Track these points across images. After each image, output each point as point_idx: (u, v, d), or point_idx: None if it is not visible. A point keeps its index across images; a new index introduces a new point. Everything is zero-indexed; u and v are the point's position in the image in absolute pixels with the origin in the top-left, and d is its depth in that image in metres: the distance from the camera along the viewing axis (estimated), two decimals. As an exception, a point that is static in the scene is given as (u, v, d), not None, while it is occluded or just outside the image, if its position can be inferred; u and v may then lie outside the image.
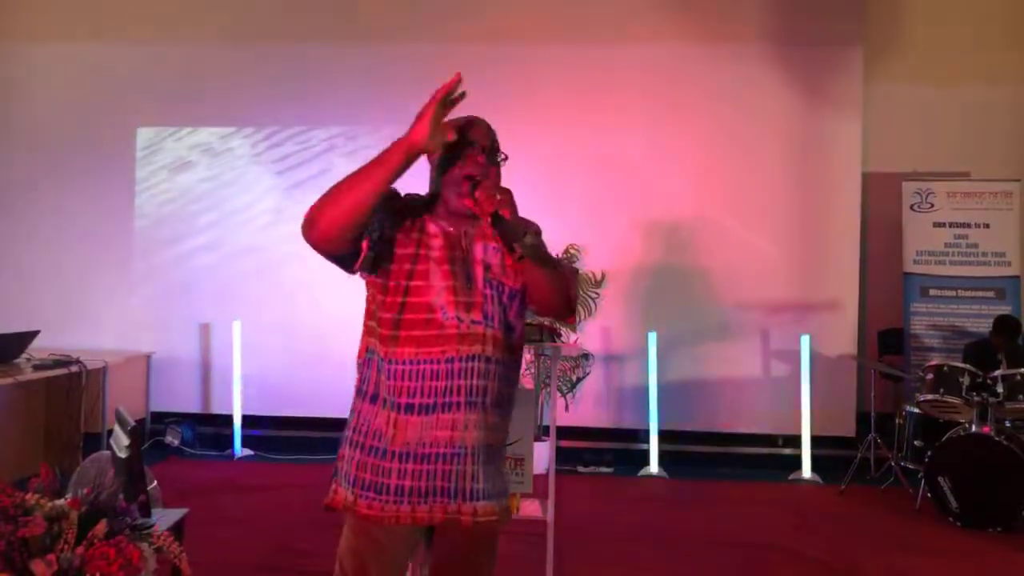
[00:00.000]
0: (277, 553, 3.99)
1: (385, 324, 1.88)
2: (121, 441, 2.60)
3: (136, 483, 2.48)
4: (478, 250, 1.92)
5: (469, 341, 1.84)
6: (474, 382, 1.84)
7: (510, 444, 2.60)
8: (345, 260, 1.88)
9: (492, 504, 1.87)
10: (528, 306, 1.98)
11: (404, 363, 1.84)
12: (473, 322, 1.85)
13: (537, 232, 1.92)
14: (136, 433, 2.55)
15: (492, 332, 1.87)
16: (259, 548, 4.04)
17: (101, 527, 1.88)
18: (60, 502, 1.90)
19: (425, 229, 1.91)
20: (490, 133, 2.01)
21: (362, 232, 1.84)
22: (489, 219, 1.79)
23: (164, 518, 2.59)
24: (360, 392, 1.94)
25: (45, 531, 1.80)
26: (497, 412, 1.90)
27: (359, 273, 1.93)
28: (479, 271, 1.90)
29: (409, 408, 1.83)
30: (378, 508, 1.84)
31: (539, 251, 1.85)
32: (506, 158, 2.03)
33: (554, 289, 1.90)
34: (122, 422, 2.67)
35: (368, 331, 1.95)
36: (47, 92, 6.49)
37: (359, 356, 1.97)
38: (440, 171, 1.96)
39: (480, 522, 1.85)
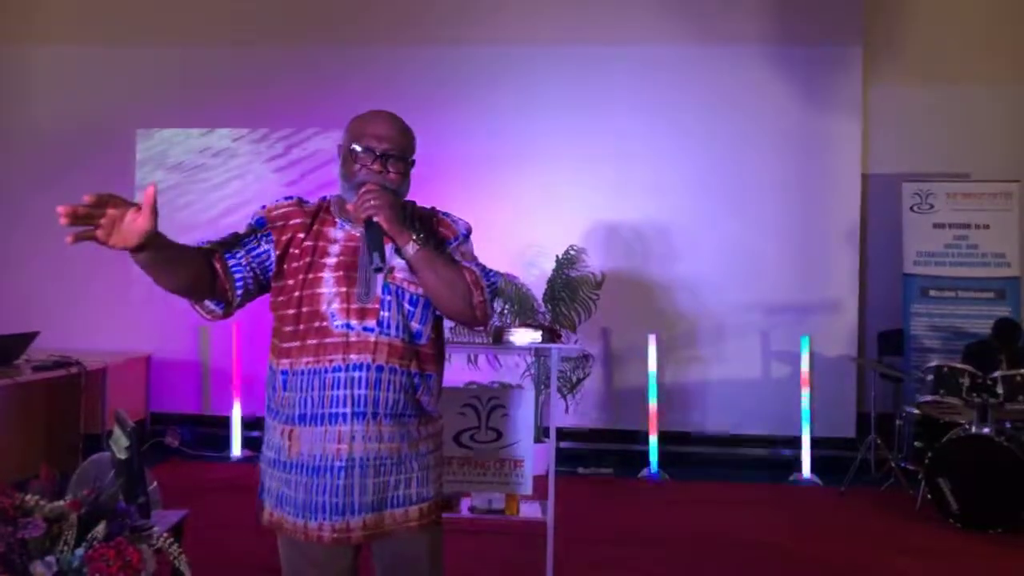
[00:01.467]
0: (275, 554, 3.98)
1: (279, 334, 1.89)
2: (120, 442, 2.60)
3: (136, 484, 2.48)
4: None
5: (358, 349, 1.81)
6: (361, 392, 1.80)
7: (508, 446, 2.60)
8: (204, 310, 1.91)
9: (385, 515, 1.84)
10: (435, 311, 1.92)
11: (295, 373, 1.84)
12: (364, 329, 1.81)
13: (436, 236, 1.90)
14: (136, 435, 2.55)
15: (387, 340, 1.82)
16: (258, 549, 4.03)
17: (101, 529, 1.88)
18: (60, 504, 1.90)
19: (324, 235, 1.89)
20: (393, 135, 1.89)
21: (215, 279, 1.84)
22: (363, 224, 1.79)
23: (164, 519, 2.59)
24: (266, 406, 1.94)
25: (45, 533, 1.80)
26: (396, 422, 1.84)
27: (231, 311, 1.93)
28: (379, 277, 1.85)
29: (301, 419, 1.82)
30: (279, 521, 1.87)
31: (412, 261, 1.81)
32: (411, 163, 1.93)
33: (445, 296, 1.84)
34: (121, 423, 2.66)
35: (271, 346, 1.94)
36: (47, 95, 6.50)
37: (267, 369, 1.96)
38: (341, 171, 1.93)
39: (369, 537, 1.83)
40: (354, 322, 1.81)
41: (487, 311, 1.88)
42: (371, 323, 1.82)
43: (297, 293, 1.86)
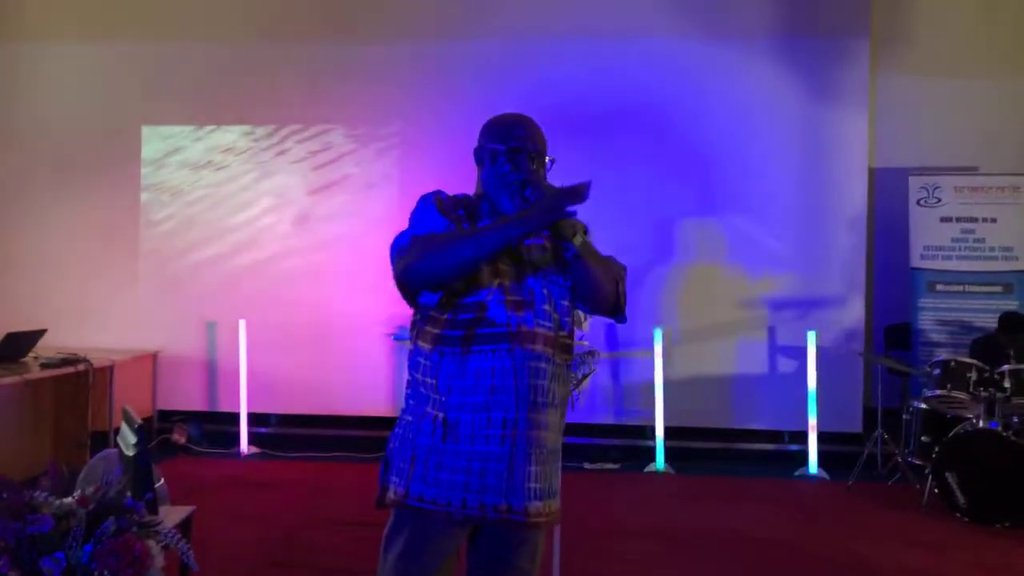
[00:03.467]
0: (284, 550, 4.00)
1: (433, 322, 1.90)
2: (128, 439, 2.61)
3: (144, 481, 2.49)
4: (523, 250, 1.94)
5: (519, 340, 1.85)
6: (525, 381, 1.84)
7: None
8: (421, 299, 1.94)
9: (549, 504, 1.89)
10: (578, 303, 2.00)
11: (452, 361, 1.86)
12: (523, 320, 1.86)
13: (585, 230, 1.97)
14: (143, 431, 2.56)
15: (542, 331, 1.87)
16: (266, 545, 4.05)
17: (109, 525, 1.88)
18: (68, 500, 1.91)
19: (477, 218, 1.96)
20: (536, 135, 2.04)
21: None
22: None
23: (171, 515, 2.60)
24: (415, 393, 1.94)
25: (53, 529, 1.81)
26: (551, 411, 1.89)
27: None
28: (527, 270, 1.91)
29: (460, 407, 1.84)
30: (430, 500, 1.84)
31: (589, 248, 1.92)
32: (553, 161, 2.06)
33: (604, 286, 1.94)
34: (129, 420, 2.67)
35: (420, 332, 1.95)
36: (53, 92, 6.50)
37: (411, 353, 1.98)
38: (491, 172, 1.99)
39: (535, 523, 1.87)
40: (514, 313, 1.86)
41: (625, 301, 2.00)
42: (528, 315, 1.87)
43: (456, 284, 1.88)
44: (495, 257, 1.86)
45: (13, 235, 6.45)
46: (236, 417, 6.02)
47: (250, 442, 6.00)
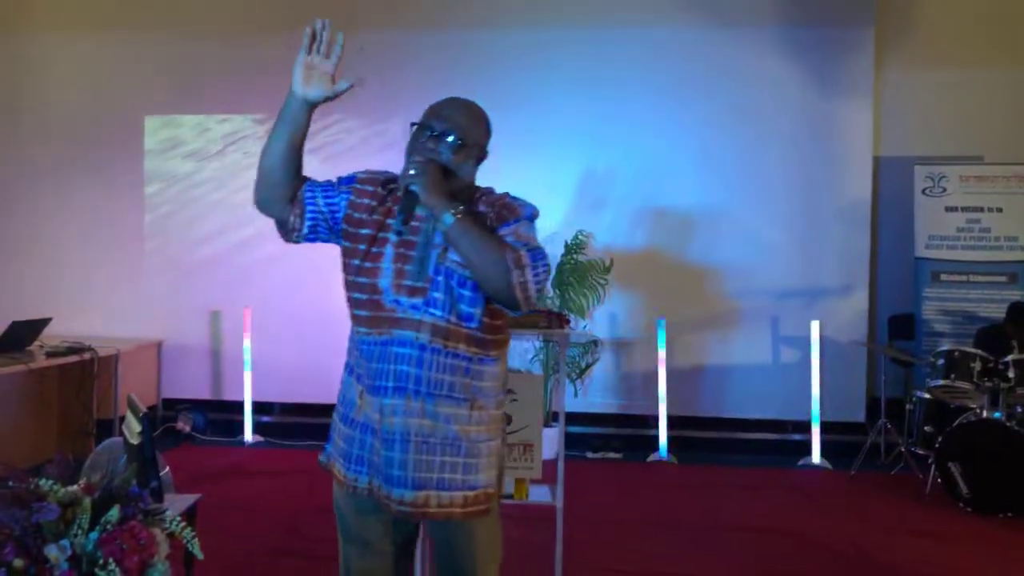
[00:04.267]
0: (288, 538, 4.02)
1: (349, 301, 1.96)
2: (133, 428, 2.62)
3: (149, 469, 2.50)
4: (430, 234, 1.89)
5: (403, 325, 1.84)
6: (404, 368, 1.84)
7: (517, 431, 2.62)
8: (283, 226, 2.03)
9: (421, 495, 1.86)
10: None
11: (360, 340, 1.92)
12: (412, 307, 1.84)
13: (480, 216, 1.87)
14: (148, 420, 2.57)
15: (432, 319, 1.84)
16: (270, 533, 4.07)
17: (115, 513, 1.89)
18: (74, 488, 1.91)
19: (391, 212, 1.91)
20: (452, 116, 1.93)
21: (293, 198, 1.98)
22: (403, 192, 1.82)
23: (176, 504, 2.61)
24: (347, 362, 2.03)
25: (59, 517, 1.82)
26: (436, 402, 1.86)
27: (298, 239, 2.03)
28: (431, 254, 1.87)
29: (363, 382, 1.92)
30: (341, 474, 1.95)
31: (448, 233, 1.80)
32: (459, 143, 1.91)
33: (483, 271, 1.80)
34: (134, 409, 2.68)
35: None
36: (58, 81, 6.51)
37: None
38: (406, 154, 1.95)
39: (410, 513, 1.87)
40: (403, 298, 1.85)
41: (529, 293, 1.82)
42: (419, 301, 1.85)
43: (358, 262, 1.92)
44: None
45: (18, 224, 6.47)
46: (240, 406, 6.04)
47: (254, 431, 6.02)
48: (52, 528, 1.84)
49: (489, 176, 2.07)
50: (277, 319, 6.11)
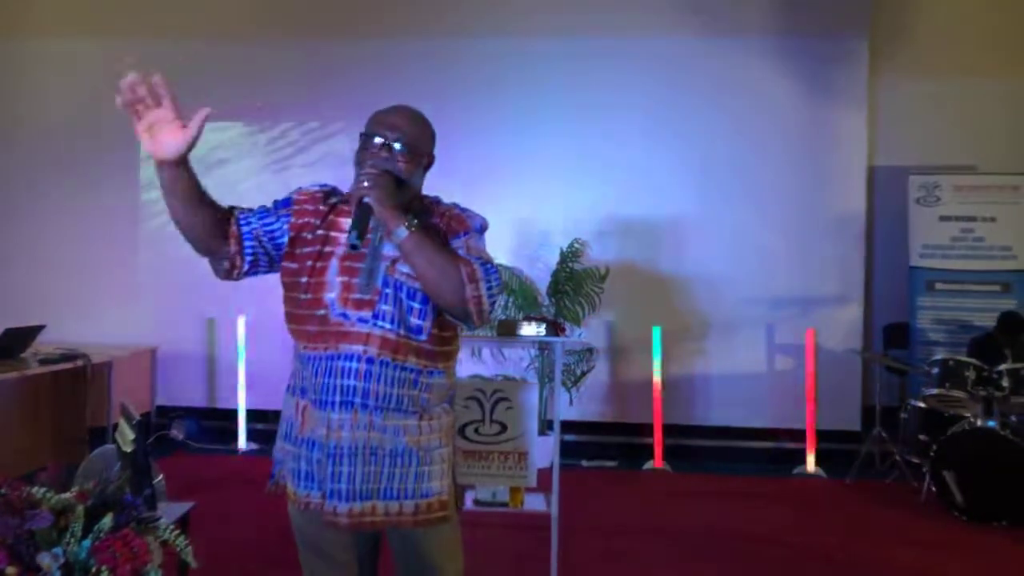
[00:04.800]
0: (281, 547, 3.99)
1: (290, 316, 1.94)
2: (127, 435, 2.61)
3: (142, 477, 2.49)
4: (389, 246, 1.86)
5: (350, 339, 1.82)
6: (350, 382, 1.82)
7: (512, 439, 2.61)
8: (219, 264, 1.95)
9: (368, 505, 1.85)
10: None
11: (302, 355, 1.90)
12: (359, 320, 1.83)
13: (431, 227, 1.87)
14: (142, 427, 2.56)
15: (381, 332, 1.82)
16: (264, 541, 4.06)
17: (108, 520, 1.88)
18: (67, 496, 1.90)
19: (336, 225, 1.90)
20: (400, 124, 1.91)
21: (228, 234, 1.89)
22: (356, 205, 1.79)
23: (170, 512, 2.60)
24: (289, 382, 2.03)
25: (52, 524, 1.81)
26: (384, 415, 1.85)
27: (238, 277, 1.98)
28: (380, 268, 1.85)
29: (310, 400, 1.88)
30: (292, 493, 1.94)
31: (402, 246, 1.79)
32: (407, 151, 1.90)
33: (435, 286, 1.80)
34: (127, 416, 2.67)
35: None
36: (55, 88, 6.51)
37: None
38: (355, 165, 1.93)
39: (354, 525, 1.86)
40: (351, 312, 1.83)
41: (483, 307, 1.81)
42: (366, 314, 1.83)
43: (304, 279, 1.89)
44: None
45: (11, 230, 6.45)
46: (234, 413, 6.03)
47: (248, 438, 6.00)
48: (45, 536, 1.83)
49: (486, 185, 2.08)
50: (271, 326, 6.06)
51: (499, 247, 5.74)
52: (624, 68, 6.11)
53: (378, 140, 1.90)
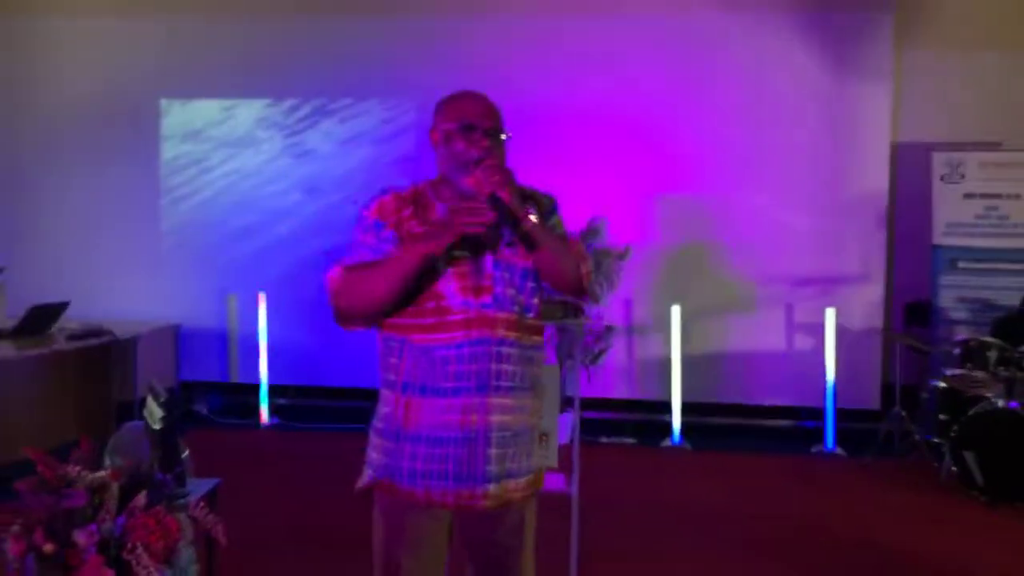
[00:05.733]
0: (307, 519, 4.07)
1: (399, 312, 1.90)
2: (155, 413, 2.65)
3: (171, 454, 2.54)
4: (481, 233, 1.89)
5: (478, 325, 1.85)
6: (485, 366, 1.85)
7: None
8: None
9: (506, 484, 1.89)
10: (543, 285, 1.97)
11: (414, 348, 1.87)
12: (482, 306, 1.86)
13: (543, 209, 1.96)
14: (171, 405, 2.60)
15: (504, 315, 1.88)
16: (289, 514, 4.13)
17: (141, 498, 1.93)
18: (101, 474, 1.95)
19: (428, 219, 1.91)
20: (491, 111, 1.98)
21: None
22: (487, 201, 1.81)
23: (197, 488, 2.65)
24: (383, 379, 1.97)
25: (87, 503, 1.85)
26: (515, 395, 1.90)
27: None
28: (485, 253, 1.89)
29: (422, 391, 1.86)
30: (395, 491, 1.91)
31: (534, 234, 1.85)
32: (509, 137, 1.99)
33: (560, 268, 1.91)
34: (155, 394, 2.71)
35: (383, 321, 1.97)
36: (72, 67, 6.53)
37: (379, 343, 1.99)
38: (446, 153, 1.95)
39: (494, 506, 1.88)
40: (471, 299, 1.86)
41: (591, 280, 1.97)
42: (487, 300, 1.87)
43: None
44: (426, 269, 1.84)
45: (36, 209, 6.53)
46: (255, 388, 6.11)
47: (270, 413, 6.09)
48: (80, 513, 1.88)
49: (509, 160, 2.07)
50: (291, 302, 6.15)
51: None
52: (645, 46, 6.06)
53: (479, 131, 1.92)
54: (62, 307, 5.07)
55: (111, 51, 6.51)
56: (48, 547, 1.83)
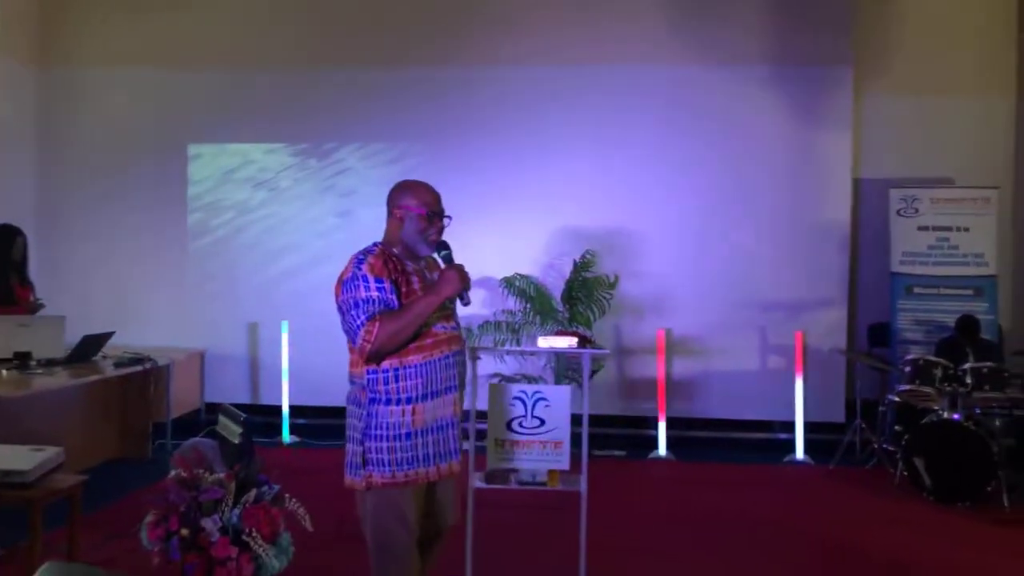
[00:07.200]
0: (338, 526, 4.54)
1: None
2: (233, 429, 3.17)
3: (251, 463, 3.06)
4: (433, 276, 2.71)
5: (453, 342, 2.67)
6: (457, 371, 2.67)
7: (550, 431, 3.22)
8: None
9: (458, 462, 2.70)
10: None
11: (411, 367, 2.57)
12: (453, 328, 2.69)
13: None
14: (248, 423, 3.12)
15: (458, 333, 2.71)
16: (321, 522, 4.57)
17: (252, 495, 2.48)
18: (220, 476, 2.50)
19: (405, 269, 2.63)
20: (440, 200, 2.73)
21: None
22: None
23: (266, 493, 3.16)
24: (372, 400, 2.61)
25: (219, 497, 2.40)
26: (462, 389, 2.71)
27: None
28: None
29: (424, 397, 2.58)
30: (413, 475, 2.59)
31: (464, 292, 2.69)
32: (450, 218, 2.73)
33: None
34: (230, 415, 3.23)
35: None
36: (104, 113, 7.07)
37: (359, 376, 2.66)
38: (411, 228, 2.65)
39: (456, 473, 2.70)
40: (445, 324, 2.66)
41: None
42: (453, 324, 2.71)
43: None
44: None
45: (73, 247, 7.01)
46: (277, 409, 6.59)
47: (291, 432, 6.57)
48: (208, 505, 2.43)
49: (510, 200, 2.86)
50: (309, 328, 6.59)
51: (520, 259, 6.33)
52: (621, 96, 6.64)
53: (438, 216, 2.70)
54: (107, 336, 5.54)
55: (139, 99, 7.01)
56: (184, 531, 2.38)
